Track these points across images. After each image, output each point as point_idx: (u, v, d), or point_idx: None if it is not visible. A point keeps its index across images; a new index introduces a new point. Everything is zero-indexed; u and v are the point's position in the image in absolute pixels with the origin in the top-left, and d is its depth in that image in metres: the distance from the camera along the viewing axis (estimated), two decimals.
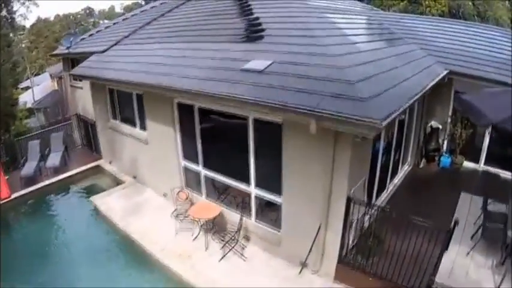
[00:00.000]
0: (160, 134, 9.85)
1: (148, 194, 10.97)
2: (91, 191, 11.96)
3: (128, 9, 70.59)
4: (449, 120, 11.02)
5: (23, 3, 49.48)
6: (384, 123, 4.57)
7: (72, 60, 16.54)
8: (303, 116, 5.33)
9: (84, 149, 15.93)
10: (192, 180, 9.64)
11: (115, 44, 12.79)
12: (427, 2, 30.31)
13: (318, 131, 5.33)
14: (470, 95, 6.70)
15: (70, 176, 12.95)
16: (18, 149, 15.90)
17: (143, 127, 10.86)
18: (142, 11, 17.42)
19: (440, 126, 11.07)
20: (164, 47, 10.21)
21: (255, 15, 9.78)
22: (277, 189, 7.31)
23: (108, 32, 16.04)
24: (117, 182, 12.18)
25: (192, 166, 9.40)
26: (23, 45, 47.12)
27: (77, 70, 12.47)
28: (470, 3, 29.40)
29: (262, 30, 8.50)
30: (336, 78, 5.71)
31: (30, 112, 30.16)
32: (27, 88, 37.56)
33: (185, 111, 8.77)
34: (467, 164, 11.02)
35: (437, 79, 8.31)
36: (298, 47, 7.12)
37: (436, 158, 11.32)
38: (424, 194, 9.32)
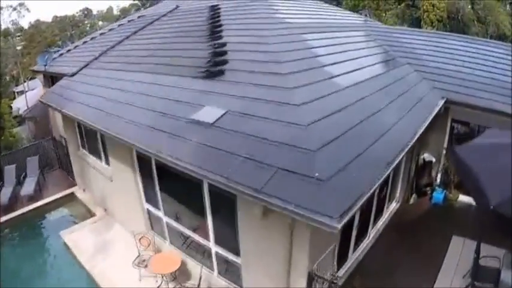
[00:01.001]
0: (123, 173, 8.85)
1: (118, 231, 10.12)
2: (62, 222, 11.27)
3: (124, 11, 69.58)
4: (444, 152, 9.83)
5: (14, 9, 48.52)
6: (342, 223, 3.41)
7: (52, 77, 15.67)
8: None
9: (61, 172, 15.11)
10: (156, 224, 8.71)
11: (85, 66, 12.03)
12: (424, 7, 28.95)
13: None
14: (466, 150, 5.51)
15: (43, 205, 12.18)
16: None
17: (108, 162, 9.82)
18: (119, 25, 16.33)
19: (434, 159, 9.89)
20: (125, 77, 9.21)
21: (223, 39, 8.66)
22: (235, 250, 6.32)
23: (83, 49, 15.42)
24: (90, 213, 11.40)
25: (155, 211, 8.40)
26: (18, 49, 46.17)
27: (45, 97, 11.87)
28: (469, 7, 28.03)
29: (225, 62, 7.36)
30: (293, 144, 4.55)
31: (22, 120, 29.29)
32: (22, 92, 36.80)
33: (143, 154, 7.68)
34: (463, 198, 9.84)
35: (429, 119, 7.11)
36: (260, 90, 5.99)
37: (429, 193, 10.15)
38: (410, 240, 8.22)
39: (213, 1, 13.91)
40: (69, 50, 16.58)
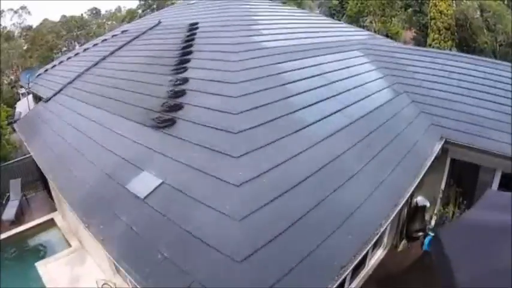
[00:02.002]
0: None
1: (90, 265, 9.53)
2: (39, 251, 10.83)
3: (130, 13, 68.73)
4: (440, 195, 8.69)
5: (15, 12, 48.04)
6: None
7: None
8: None
9: (44, 194, 14.34)
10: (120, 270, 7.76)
11: (59, 91, 11.38)
12: (432, 14, 27.42)
13: None
14: (452, 237, 4.34)
15: (22, 231, 11.62)
16: None
17: None
18: (103, 40, 15.45)
19: (428, 204, 8.72)
20: (88, 114, 8.42)
21: (187, 72, 7.70)
22: None
23: (64, 66, 14.82)
24: (67, 243, 10.82)
25: None
26: (25, 48, 45.70)
27: (20, 123, 11.71)
28: (478, 15, 26.43)
29: (180, 107, 6.32)
30: (218, 247, 3.52)
31: None
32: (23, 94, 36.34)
33: None
34: None
35: (417, 180, 5.98)
36: (205, 156, 4.94)
37: (420, 238, 9.00)
38: None
39: (199, 14, 12.97)
40: (54, 66, 16.03)
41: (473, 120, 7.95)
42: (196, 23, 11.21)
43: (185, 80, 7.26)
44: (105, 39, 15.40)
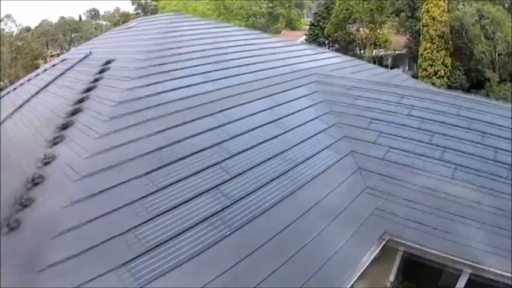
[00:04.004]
0: None
1: None
2: None
3: (123, 16, 66.26)
4: None
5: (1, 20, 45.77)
6: None
7: None
8: None
9: None
10: None
11: None
12: (424, 21, 24.54)
13: None
14: None
15: None
16: None
17: None
18: (44, 70, 12.68)
19: None
20: None
21: (55, 148, 5.15)
22: None
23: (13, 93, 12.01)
24: None
25: None
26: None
27: None
28: (475, 22, 23.47)
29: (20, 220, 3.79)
30: None
31: None
32: None
33: None
34: None
35: None
36: None
37: None
38: None
39: (125, 44, 10.38)
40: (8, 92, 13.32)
41: (435, 205, 5.34)
42: (110, 61, 8.61)
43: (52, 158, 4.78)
44: (46, 69, 12.75)
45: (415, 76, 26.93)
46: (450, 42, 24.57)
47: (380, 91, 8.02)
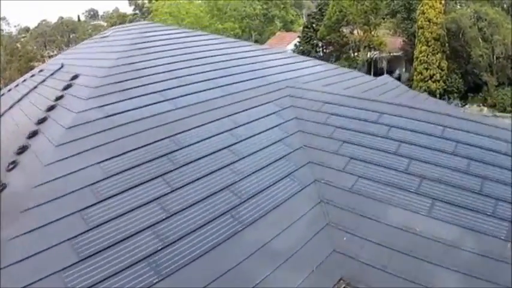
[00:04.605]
0: None
1: None
2: None
3: (120, 17, 65.74)
4: None
5: None
6: None
7: None
8: None
9: None
10: None
11: None
12: (419, 23, 23.69)
13: None
14: None
15: None
16: None
17: None
18: (23, 81, 12.00)
19: None
20: None
21: None
22: None
23: None
24: None
25: None
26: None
27: None
28: (472, 23, 22.58)
29: None
30: None
31: None
32: None
33: None
34: None
35: None
36: None
37: None
38: None
39: (94, 56, 9.65)
40: None
41: (405, 246, 4.53)
42: (76, 76, 7.94)
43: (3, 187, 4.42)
44: (25, 80, 12.07)
45: (410, 79, 26.12)
46: (446, 44, 23.72)
47: (357, 107, 7.23)
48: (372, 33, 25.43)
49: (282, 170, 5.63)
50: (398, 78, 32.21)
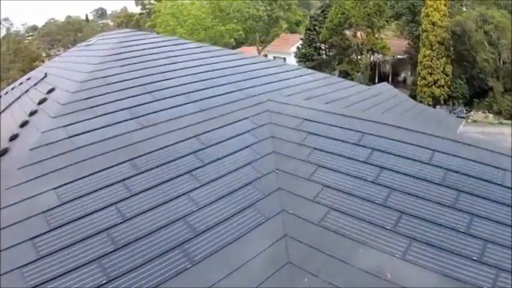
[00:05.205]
0: None
1: None
2: None
3: (127, 17, 65.58)
4: None
5: None
6: None
7: None
8: None
9: None
10: None
11: None
12: (423, 26, 22.87)
13: None
14: None
15: None
16: None
17: None
18: (12, 88, 11.63)
19: None
20: None
21: None
22: None
23: None
24: None
25: None
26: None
27: None
28: (477, 27, 21.68)
29: None
30: None
31: None
32: None
33: None
34: None
35: None
36: None
37: None
38: None
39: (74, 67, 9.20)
40: None
41: None
42: (52, 90, 7.53)
43: None
44: (14, 88, 11.72)
45: (415, 83, 25.33)
46: (451, 48, 22.86)
47: (338, 126, 6.66)
48: (376, 36, 24.63)
49: (247, 198, 5.11)
50: (404, 82, 31.42)
